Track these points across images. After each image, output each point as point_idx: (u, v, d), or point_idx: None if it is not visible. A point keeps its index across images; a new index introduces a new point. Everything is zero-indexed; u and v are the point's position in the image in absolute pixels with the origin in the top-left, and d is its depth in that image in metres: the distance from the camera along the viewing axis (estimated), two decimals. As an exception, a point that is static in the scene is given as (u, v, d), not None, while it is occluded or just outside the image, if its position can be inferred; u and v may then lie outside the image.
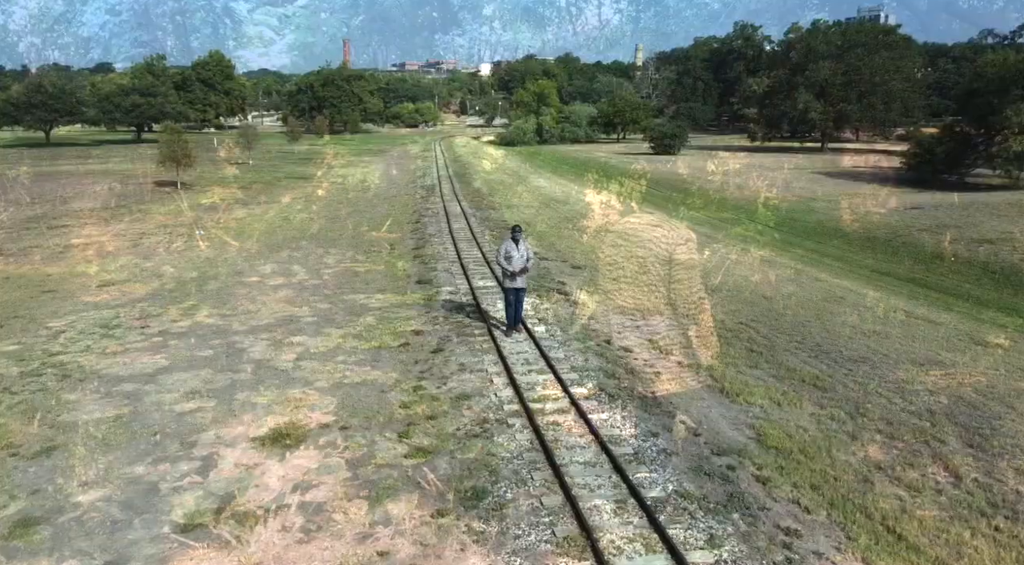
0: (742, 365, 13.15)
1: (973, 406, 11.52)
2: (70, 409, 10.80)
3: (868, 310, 18.51)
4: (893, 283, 23.74)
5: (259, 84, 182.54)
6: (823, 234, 32.34)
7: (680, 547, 7.04)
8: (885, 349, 14.62)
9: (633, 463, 8.84)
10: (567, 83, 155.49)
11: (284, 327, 15.07)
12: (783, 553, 7.26)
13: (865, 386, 12.29)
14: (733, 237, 28.25)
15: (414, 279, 19.49)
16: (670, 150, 73.23)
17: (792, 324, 16.18)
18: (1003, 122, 44.38)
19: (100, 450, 9.50)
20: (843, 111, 74.87)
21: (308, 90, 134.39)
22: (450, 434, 9.77)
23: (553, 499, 8.05)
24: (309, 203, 38.80)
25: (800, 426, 10.51)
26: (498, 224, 29.25)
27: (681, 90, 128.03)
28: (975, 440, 10.29)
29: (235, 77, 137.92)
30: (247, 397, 11.27)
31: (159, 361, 12.94)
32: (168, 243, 26.50)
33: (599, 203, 36.48)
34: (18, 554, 7.32)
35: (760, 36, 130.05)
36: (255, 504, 8.17)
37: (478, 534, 7.46)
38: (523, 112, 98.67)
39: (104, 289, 19.23)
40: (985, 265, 26.21)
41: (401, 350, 13.36)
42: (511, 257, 13.86)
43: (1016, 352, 15.46)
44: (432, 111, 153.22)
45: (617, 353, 13.28)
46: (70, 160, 67.80)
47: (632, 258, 22.20)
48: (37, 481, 8.74)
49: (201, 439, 9.79)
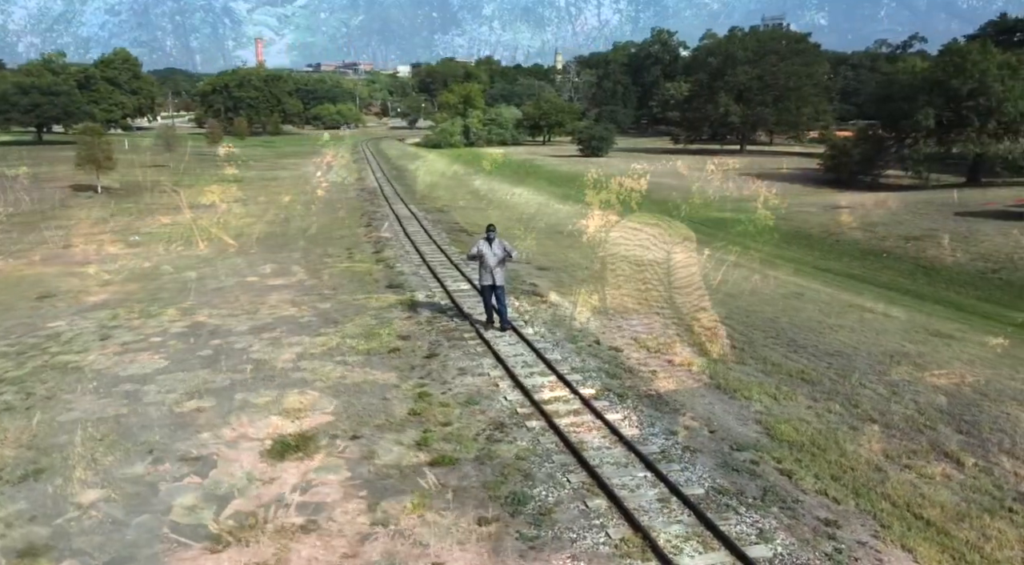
0: (729, 361, 13.45)
1: (951, 395, 12.12)
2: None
3: (826, 305, 19.30)
4: (837, 279, 24.84)
5: (167, 82, 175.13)
6: (761, 233, 33.49)
7: (736, 543, 7.11)
8: (855, 342, 15.24)
9: (663, 462, 8.89)
10: (489, 85, 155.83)
11: (278, 327, 14.49)
12: (830, 544, 7.45)
13: (848, 379, 12.76)
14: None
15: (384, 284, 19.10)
16: (598, 152, 74.45)
17: (763, 320, 16.67)
18: (914, 126, 47.14)
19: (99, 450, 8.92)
20: (760, 114, 77.90)
21: (223, 90, 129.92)
22: (471, 439, 9.61)
23: (597, 501, 8.01)
24: (250, 205, 37.48)
25: (803, 419, 10.82)
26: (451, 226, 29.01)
27: (601, 94, 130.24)
28: (963, 427, 10.84)
29: (143, 76, 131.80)
30: (246, 397, 10.76)
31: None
32: (100, 249, 25.10)
33: (545, 204, 36.71)
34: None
35: (675, 42, 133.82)
36: (293, 520, 7.81)
37: (532, 540, 7.35)
38: (449, 114, 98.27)
39: (45, 300, 18.04)
40: (915, 261, 27.77)
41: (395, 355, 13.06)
42: (483, 255, 13.94)
43: (970, 342, 16.43)
44: (354, 112, 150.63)
45: (609, 353, 13.36)
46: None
47: (599, 260, 22.43)
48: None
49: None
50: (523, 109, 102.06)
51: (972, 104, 45.04)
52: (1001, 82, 44.19)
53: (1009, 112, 44.17)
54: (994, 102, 44.31)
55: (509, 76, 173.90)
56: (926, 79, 48.04)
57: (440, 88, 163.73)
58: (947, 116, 46.65)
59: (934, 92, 46.76)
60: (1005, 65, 45.01)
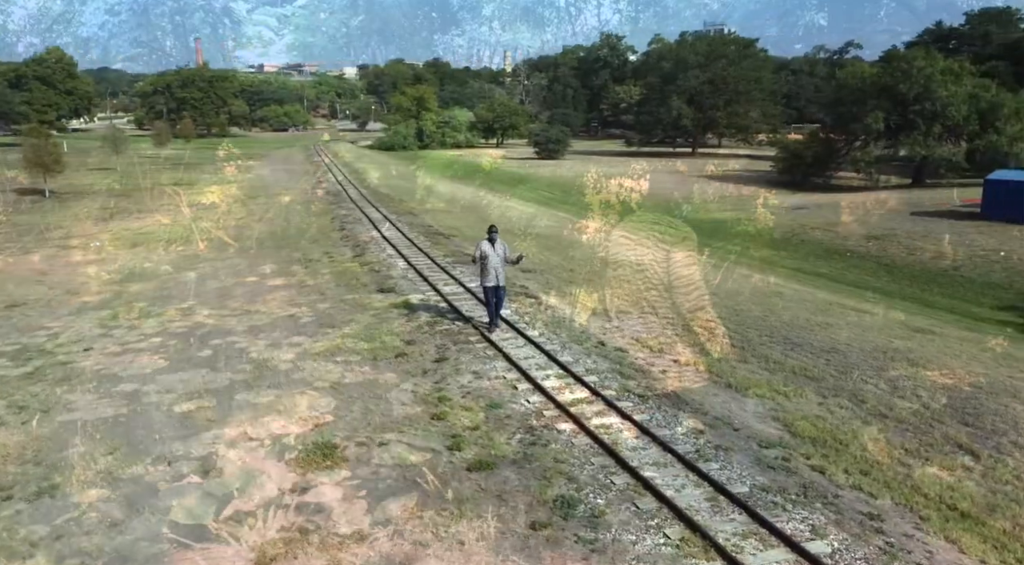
0: (732, 360, 13.62)
1: (949, 390, 12.48)
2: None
3: (807, 304, 19.75)
4: (808, 278, 25.47)
5: (103, 83, 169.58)
6: (728, 234, 34.11)
7: (795, 540, 7.19)
8: (845, 339, 15.62)
9: (701, 461, 8.94)
10: (439, 88, 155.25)
11: (282, 330, 14.09)
12: (880, 538, 7.58)
13: (849, 375, 13.05)
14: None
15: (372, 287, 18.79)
16: (554, 155, 74.90)
17: (753, 318, 16.95)
18: (864, 129, 48.72)
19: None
20: (711, 117, 79.49)
21: (165, 91, 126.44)
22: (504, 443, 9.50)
23: (647, 502, 8.00)
24: (208, 211, 36.44)
25: (817, 416, 11.02)
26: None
27: (552, 97, 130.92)
28: (967, 420, 11.18)
29: (78, 76, 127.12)
30: (246, 398, 10.43)
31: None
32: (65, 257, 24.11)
33: (512, 207, 36.69)
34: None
35: (624, 46, 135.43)
36: (342, 530, 7.58)
37: (592, 543, 7.29)
38: (402, 116, 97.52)
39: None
40: (878, 259, 28.67)
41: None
42: (487, 256, 13.93)
43: (950, 338, 17.02)
44: (302, 114, 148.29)
45: (617, 353, 13.39)
46: None
47: (578, 261, 22.50)
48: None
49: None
50: (476, 111, 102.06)
51: (918, 108, 46.79)
52: (945, 87, 46.01)
53: (953, 116, 46.02)
54: (939, 106, 46.10)
55: (459, 78, 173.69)
56: (874, 84, 49.71)
57: (389, 90, 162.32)
58: (895, 120, 48.36)
59: (882, 97, 48.42)
60: (948, 71, 46.90)
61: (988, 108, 46.04)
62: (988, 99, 46.29)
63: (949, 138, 47.15)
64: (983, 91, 46.93)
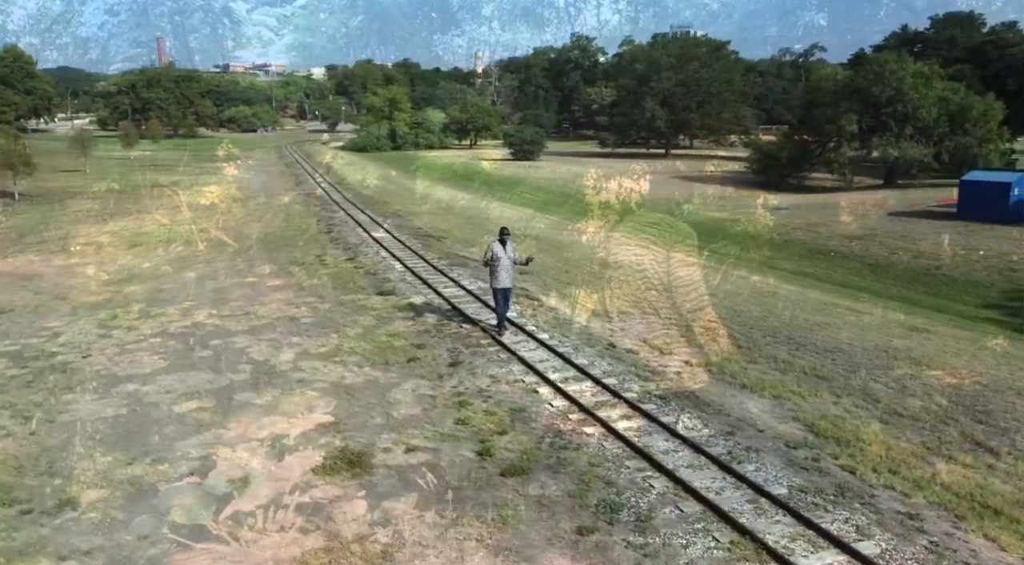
0: (742, 360, 13.68)
1: (956, 388, 12.66)
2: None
3: (802, 304, 19.95)
4: (796, 278, 25.74)
5: (63, 82, 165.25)
6: (709, 234, 34.35)
7: (846, 541, 7.20)
8: (847, 338, 15.78)
9: (735, 462, 8.93)
10: (409, 89, 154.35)
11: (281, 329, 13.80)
12: (924, 537, 7.63)
13: (857, 374, 13.18)
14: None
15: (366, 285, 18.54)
16: (530, 156, 74.88)
17: (753, 319, 17.06)
18: (838, 131, 49.51)
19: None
20: (685, 119, 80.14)
21: (130, 91, 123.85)
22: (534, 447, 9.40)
23: (690, 505, 7.96)
24: (192, 213, 35.72)
25: (836, 415, 11.09)
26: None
27: (523, 98, 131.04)
28: (979, 418, 11.35)
29: (37, 74, 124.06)
30: (245, 398, 10.19)
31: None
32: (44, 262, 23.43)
33: (499, 210, 36.58)
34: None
35: (594, 48, 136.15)
36: (379, 539, 7.42)
37: (643, 548, 7.23)
38: (375, 117, 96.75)
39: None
40: (861, 259, 29.10)
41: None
42: (498, 258, 13.97)
43: (946, 336, 17.29)
44: (271, 115, 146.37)
45: (629, 355, 13.37)
46: None
47: (571, 263, 22.48)
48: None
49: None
50: (449, 112, 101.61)
51: (890, 110, 47.69)
52: (916, 90, 46.97)
53: (923, 118, 46.98)
54: (910, 109, 47.05)
55: (429, 79, 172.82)
56: (847, 86, 50.57)
57: (359, 90, 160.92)
58: (867, 121, 49.23)
59: (854, 99, 49.26)
60: (919, 74, 47.88)
61: (957, 110, 47.10)
62: (957, 102, 47.36)
63: (920, 140, 48.10)
64: (952, 94, 48.01)
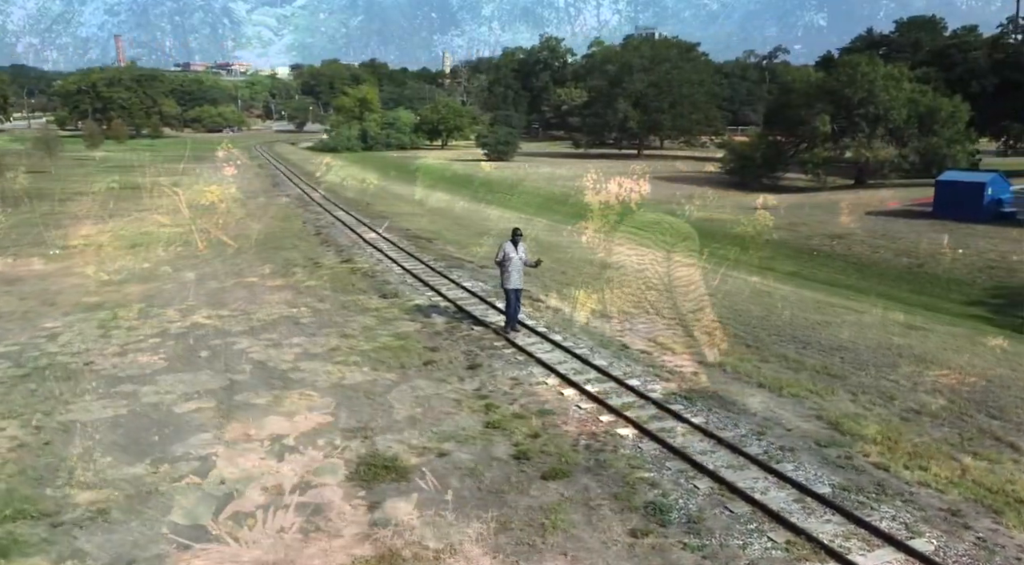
0: (753, 360, 13.75)
1: (965, 385, 12.87)
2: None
3: (799, 303, 20.15)
4: (786, 278, 26.04)
5: (19, 81, 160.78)
6: (696, 235, 34.60)
7: (900, 539, 7.24)
8: (850, 337, 15.96)
9: (773, 462, 8.94)
10: (377, 89, 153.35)
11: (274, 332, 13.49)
12: (970, 534, 7.70)
13: (867, 372, 13.33)
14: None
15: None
16: (504, 157, 74.84)
17: (756, 318, 17.18)
18: (811, 132, 50.28)
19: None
20: (657, 120, 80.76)
21: (90, 90, 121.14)
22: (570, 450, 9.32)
23: (739, 506, 7.94)
24: (171, 214, 34.91)
25: (857, 414, 11.19)
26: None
27: (493, 98, 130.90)
28: (993, 413, 11.54)
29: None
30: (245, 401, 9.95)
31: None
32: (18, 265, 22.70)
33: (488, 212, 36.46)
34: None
35: (564, 49, 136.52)
36: (429, 544, 7.27)
37: (701, 549, 7.18)
38: (345, 117, 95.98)
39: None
40: (845, 258, 29.56)
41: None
42: (510, 258, 14.05)
43: (944, 334, 17.59)
44: (236, 115, 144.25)
45: (643, 356, 13.35)
46: None
47: (565, 264, 22.44)
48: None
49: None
50: (420, 113, 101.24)
51: (862, 112, 48.57)
52: (887, 91, 47.90)
53: (894, 119, 47.93)
54: (881, 110, 47.96)
55: (397, 80, 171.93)
56: (820, 88, 51.40)
57: (326, 90, 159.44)
58: (840, 122, 50.07)
59: (827, 100, 50.07)
60: (889, 76, 48.85)
61: (926, 112, 48.14)
62: (926, 103, 48.41)
63: (891, 140, 49.07)
64: (921, 96, 49.06)
